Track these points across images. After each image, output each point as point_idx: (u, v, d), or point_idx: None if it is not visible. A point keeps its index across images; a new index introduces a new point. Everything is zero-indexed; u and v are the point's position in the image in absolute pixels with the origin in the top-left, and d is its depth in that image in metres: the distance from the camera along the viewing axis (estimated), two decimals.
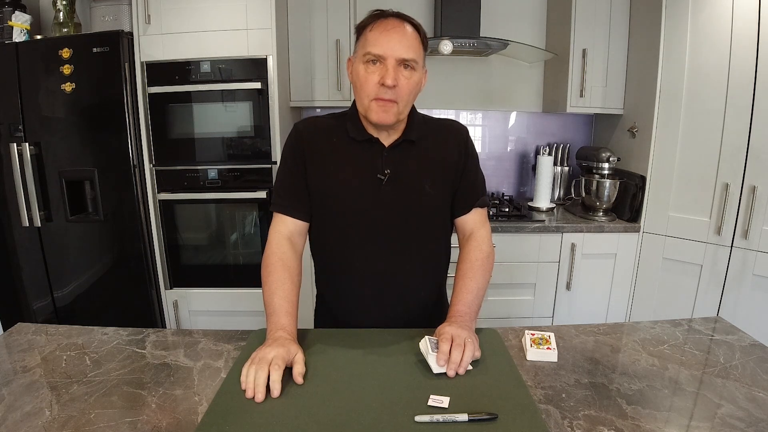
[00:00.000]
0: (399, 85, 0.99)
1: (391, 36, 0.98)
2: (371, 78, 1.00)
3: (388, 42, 0.98)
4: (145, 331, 1.11)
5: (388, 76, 0.98)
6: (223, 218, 2.20)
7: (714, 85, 1.91)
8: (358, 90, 1.04)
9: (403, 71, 1.00)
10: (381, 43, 0.98)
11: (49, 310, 2.22)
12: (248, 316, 2.25)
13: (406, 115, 1.08)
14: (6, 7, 2.09)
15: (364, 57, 1.00)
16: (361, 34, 1.04)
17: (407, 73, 1.01)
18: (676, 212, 2.10)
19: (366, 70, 1.01)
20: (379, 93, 1.00)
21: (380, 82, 0.99)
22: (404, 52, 0.99)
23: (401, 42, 0.99)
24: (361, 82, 1.02)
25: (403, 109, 1.04)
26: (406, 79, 1.00)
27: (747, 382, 0.90)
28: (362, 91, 1.02)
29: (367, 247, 1.09)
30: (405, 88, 1.01)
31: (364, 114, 1.05)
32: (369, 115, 1.03)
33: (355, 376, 0.88)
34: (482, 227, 1.15)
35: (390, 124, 1.04)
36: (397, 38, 0.98)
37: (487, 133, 2.75)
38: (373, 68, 1.00)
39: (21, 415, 0.79)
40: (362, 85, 1.01)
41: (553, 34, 2.52)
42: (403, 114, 1.05)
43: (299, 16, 2.26)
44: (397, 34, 0.99)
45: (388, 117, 1.02)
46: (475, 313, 1.05)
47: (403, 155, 1.09)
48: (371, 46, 0.99)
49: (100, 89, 2.00)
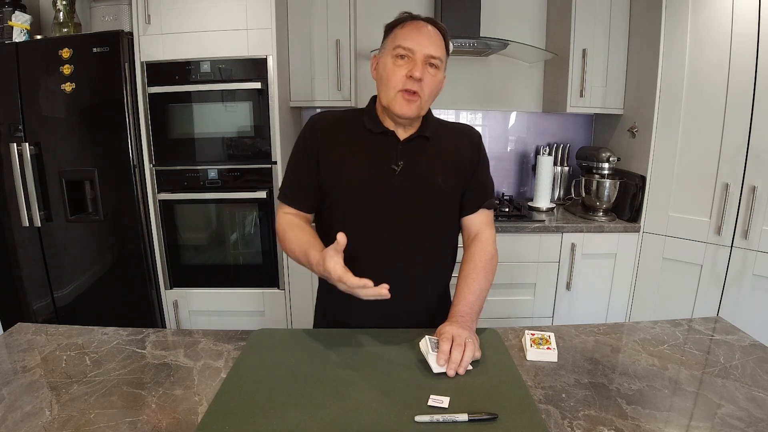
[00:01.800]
0: (424, 80, 1.04)
1: (422, 33, 1.05)
2: (399, 71, 1.04)
3: (419, 38, 1.04)
4: (145, 331, 1.11)
5: (416, 69, 1.03)
6: (223, 218, 2.20)
7: (714, 84, 1.91)
8: (385, 81, 1.07)
9: (428, 69, 1.05)
10: (412, 38, 1.04)
11: (49, 310, 2.22)
12: (248, 316, 2.25)
13: (426, 111, 1.12)
14: (6, 7, 2.09)
15: (393, 51, 1.05)
16: (390, 31, 1.09)
17: (432, 71, 1.06)
18: (676, 212, 2.10)
19: (394, 63, 1.05)
20: (406, 85, 1.04)
21: (408, 75, 1.04)
22: (433, 49, 1.04)
23: (430, 39, 1.05)
24: (388, 74, 1.06)
25: (425, 104, 1.08)
26: (431, 76, 1.06)
27: (747, 382, 0.90)
28: (389, 83, 1.06)
29: (376, 237, 1.10)
30: (430, 84, 1.06)
31: (387, 105, 1.08)
32: (392, 106, 1.06)
33: (355, 376, 0.88)
34: (488, 228, 1.18)
35: (411, 118, 1.08)
36: (426, 36, 1.05)
37: (487, 133, 2.75)
38: (401, 62, 1.05)
39: (21, 415, 0.79)
40: (389, 76, 1.06)
41: (553, 34, 2.52)
42: (424, 110, 1.10)
43: (299, 16, 2.26)
44: (426, 32, 1.05)
45: (411, 110, 1.06)
46: (477, 314, 1.05)
47: (418, 149, 1.12)
48: (402, 40, 1.05)
49: (100, 89, 2.00)
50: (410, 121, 1.11)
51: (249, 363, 0.94)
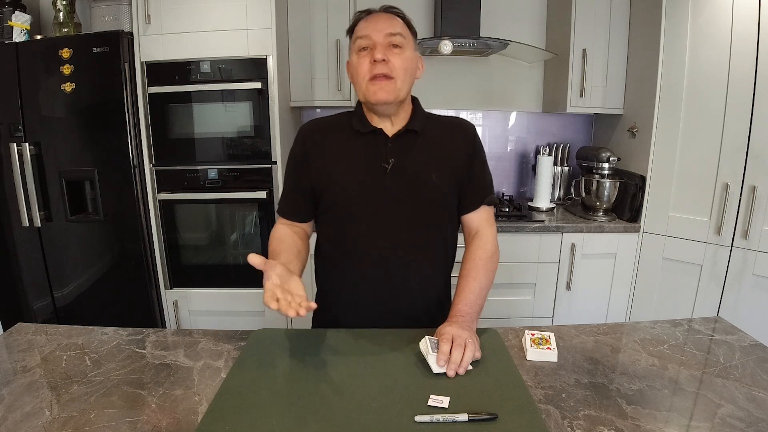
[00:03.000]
0: (391, 61, 1.03)
1: (376, 19, 1.05)
2: (363, 62, 1.04)
3: (375, 24, 1.04)
4: (145, 331, 1.11)
5: (377, 51, 1.02)
6: (223, 218, 2.20)
7: (714, 84, 1.91)
8: (356, 79, 1.07)
9: (392, 49, 1.04)
10: (367, 27, 1.05)
11: (49, 310, 2.22)
12: (248, 316, 2.25)
13: (405, 95, 1.09)
14: (6, 7, 2.09)
15: (354, 45, 1.06)
16: (351, 33, 1.10)
17: (397, 50, 1.04)
18: (676, 212, 2.10)
19: (358, 57, 1.06)
20: (372, 70, 1.03)
21: (371, 61, 1.03)
22: (389, 27, 1.04)
23: (386, 21, 1.05)
24: (356, 68, 1.06)
25: (402, 86, 1.06)
26: (396, 55, 1.04)
27: (747, 382, 0.90)
28: (358, 77, 1.06)
29: (372, 238, 1.09)
30: (398, 63, 1.04)
31: (364, 99, 1.08)
32: (368, 98, 1.05)
33: (355, 376, 0.88)
34: (488, 226, 1.16)
35: (389, 102, 1.05)
36: (381, 19, 1.05)
37: (487, 133, 2.75)
38: (364, 53, 1.05)
39: (21, 415, 0.79)
40: (356, 71, 1.06)
41: (553, 34, 2.52)
42: (402, 92, 1.07)
43: (299, 16, 2.26)
44: (379, 16, 1.06)
45: (386, 94, 1.04)
46: (477, 313, 1.05)
47: (408, 145, 1.10)
48: (359, 32, 1.06)
49: (100, 89, 2.00)
50: (395, 110, 1.09)
51: (249, 363, 0.94)
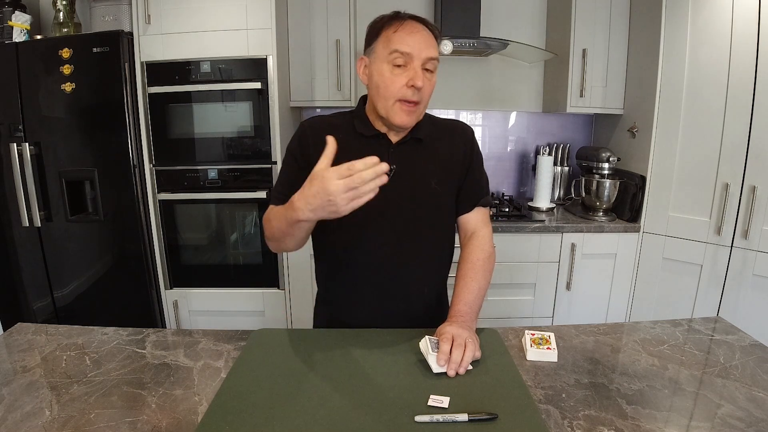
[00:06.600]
0: (423, 87, 1.01)
1: (417, 37, 1.00)
2: (398, 80, 1.00)
3: (417, 43, 1.00)
4: (145, 331, 1.11)
5: (418, 78, 0.99)
6: (223, 218, 2.20)
7: (714, 84, 1.91)
8: (382, 91, 1.03)
9: (426, 74, 1.02)
10: (408, 43, 1.00)
11: (49, 310, 2.22)
12: (248, 316, 2.25)
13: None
14: (6, 7, 2.09)
15: (390, 56, 1.00)
16: (380, 34, 1.03)
17: (429, 75, 1.03)
18: (676, 212, 2.10)
19: (392, 72, 1.01)
20: (406, 95, 1.01)
21: (409, 84, 1.00)
22: (431, 51, 1.01)
23: (427, 42, 1.01)
24: (386, 83, 1.02)
25: (422, 111, 1.07)
26: (428, 81, 1.03)
27: (747, 382, 0.90)
28: (387, 92, 1.02)
29: (372, 241, 1.09)
30: (427, 90, 1.03)
31: (385, 115, 1.05)
32: (391, 117, 1.03)
33: (355, 376, 0.88)
34: (484, 227, 1.16)
35: (410, 127, 1.06)
36: (423, 39, 1.01)
37: (487, 133, 2.75)
38: (398, 70, 1.01)
39: (21, 415, 0.79)
40: (387, 86, 1.02)
41: (553, 34, 2.52)
42: (421, 116, 1.08)
43: (299, 16, 2.26)
44: (422, 35, 1.01)
45: (411, 120, 1.04)
46: (476, 313, 1.05)
47: (411, 152, 1.10)
48: (398, 45, 1.00)
49: (100, 89, 2.00)
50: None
51: (249, 363, 0.94)
